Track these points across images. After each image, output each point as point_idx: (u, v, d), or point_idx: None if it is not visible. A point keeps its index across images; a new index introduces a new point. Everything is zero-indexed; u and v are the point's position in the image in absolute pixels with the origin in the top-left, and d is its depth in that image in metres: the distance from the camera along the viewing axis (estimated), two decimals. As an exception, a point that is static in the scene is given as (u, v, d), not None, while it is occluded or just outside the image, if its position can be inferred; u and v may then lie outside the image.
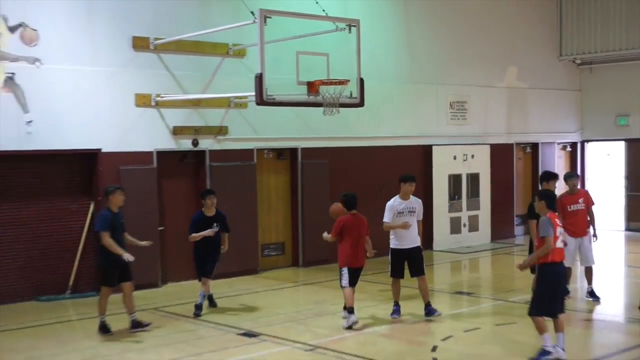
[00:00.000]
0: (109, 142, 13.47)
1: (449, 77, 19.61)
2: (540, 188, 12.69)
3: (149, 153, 14.01)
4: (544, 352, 8.48)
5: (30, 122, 12.51)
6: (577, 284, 13.36)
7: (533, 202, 10.03)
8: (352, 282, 10.70)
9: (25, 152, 12.63)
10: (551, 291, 8.54)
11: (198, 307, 11.57)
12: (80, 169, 13.65)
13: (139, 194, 13.59)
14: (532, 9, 22.17)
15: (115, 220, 10.26)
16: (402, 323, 11.27)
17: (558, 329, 8.43)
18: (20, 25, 12.44)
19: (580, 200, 12.26)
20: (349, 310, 10.48)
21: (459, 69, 19.82)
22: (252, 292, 13.70)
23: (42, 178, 13.21)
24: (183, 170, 14.76)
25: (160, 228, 14.02)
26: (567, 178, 12.92)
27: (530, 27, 22.09)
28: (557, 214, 9.14)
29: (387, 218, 11.39)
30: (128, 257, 10.08)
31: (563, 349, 8.43)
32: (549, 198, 9.13)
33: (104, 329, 10.34)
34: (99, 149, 13.38)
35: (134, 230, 13.21)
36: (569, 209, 12.09)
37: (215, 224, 11.44)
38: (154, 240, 13.49)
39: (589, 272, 12.57)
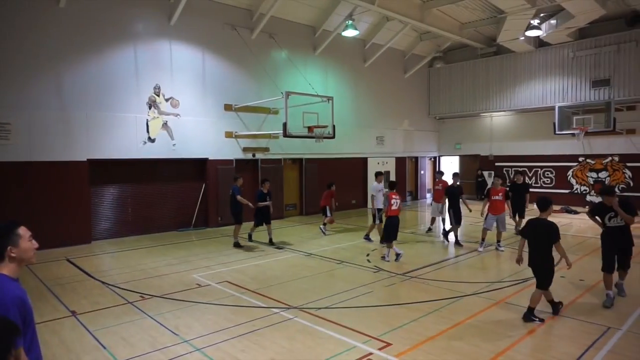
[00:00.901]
0: (212, 154, 14.04)
1: (375, 124, 19.66)
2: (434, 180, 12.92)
3: (231, 160, 14.53)
4: (397, 254, 9.06)
5: (174, 144, 13.19)
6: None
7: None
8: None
9: (172, 159, 13.18)
10: (391, 229, 9.13)
11: (249, 237, 11.78)
12: (199, 167, 14.05)
13: (227, 180, 14.25)
14: (417, 87, 21.89)
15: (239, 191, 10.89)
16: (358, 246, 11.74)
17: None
18: (171, 98, 13.11)
19: (441, 185, 12.42)
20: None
21: (381, 120, 19.88)
22: (281, 228, 13.92)
23: (180, 171, 13.68)
24: (248, 168, 15.00)
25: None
26: (437, 174, 13.54)
27: (415, 98, 21.85)
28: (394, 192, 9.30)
29: (374, 191, 11.15)
30: (250, 205, 10.81)
31: (399, 254, 9.05)
32: (393, 183, 10.03)
33: (237, 245, 10.98)
34: (207, 158, 13.97)
35: (227, 196, 13.91)
36: (436, 188, 12.68)
37: (268, 197, 11.13)
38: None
39: (444, 220, 12.69)
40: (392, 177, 20.40)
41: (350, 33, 15.61)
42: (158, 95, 12.79)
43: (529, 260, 6.08)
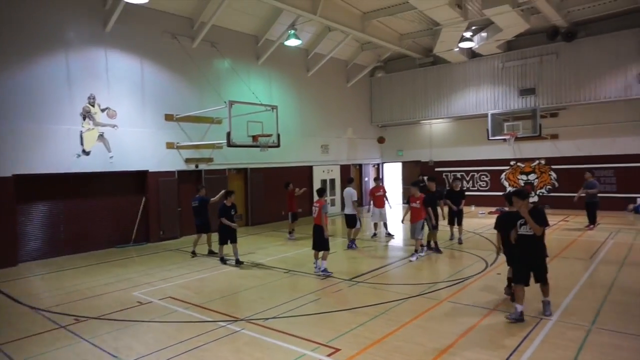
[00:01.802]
0: (152, 166, 13.50)
1: (320, 132, 19.79)
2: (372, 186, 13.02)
3: (173, 172, 14.04)
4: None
5: (111, 157, 12.57)
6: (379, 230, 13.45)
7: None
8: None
9: (109, 172, 12.52)
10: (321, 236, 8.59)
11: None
12: (138, 180, 13.49)
13: (169, 192, 13.87)
14: (360, 96, 22.29)
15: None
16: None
17: (323, 257, 8.61)
18: (107, 108, 12.50)
19: (381, 190, 12.73)
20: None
21: (325, 128, 20.03)
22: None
23: (118, 185, 13.05)
24: (190, 180, 14.57)
25: (179, 209, 14.12)
26: (375, 180, 13.78)
27: (358, 106, 22.22)
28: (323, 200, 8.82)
29: (355, 197, 11.67)
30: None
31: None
32: (321, 190, 9.15)
33: (194, 253, 11.09)
34: (147, 170, 13.42)
35: (170, 210, 13.51)
36: (376, 194, 12.72)
37: (233, 211, 9.99)
38: (175, 214, 13.85)
39: (385, 225, 13.19)
40: (337, 182, 20.77)
41: (292, 42, 15.72)
42: (93, 106, 12.18)
43: (508, 249, 6.50)
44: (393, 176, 23.92)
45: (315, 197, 9.32)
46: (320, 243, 8.71)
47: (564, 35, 16.95)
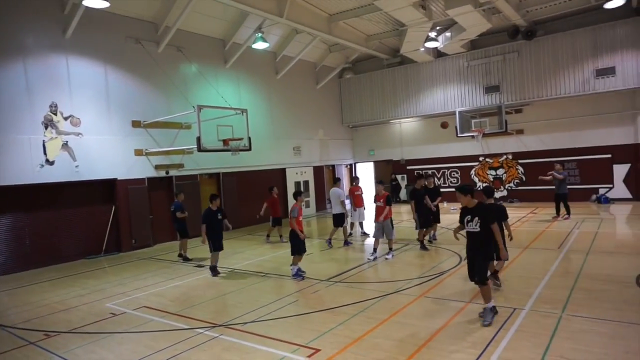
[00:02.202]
0: (121, 174, 13.20)
1: (292, 134, 19.74)
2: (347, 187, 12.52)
3: (143, 179, 13.77)
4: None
5: (77, 166, 12.22)
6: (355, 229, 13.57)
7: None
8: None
9: (76, 181, 12.17)
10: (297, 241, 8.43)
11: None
12: (107, 189, 13.16)
13: (139, 200, 13.58)
14: (329, 98, 22.32)
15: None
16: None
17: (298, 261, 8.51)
18: (70, 115, 12.16)
19: (359, 190, 12.62)
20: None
21: (296, 130, 19.99)
22: (200, 245, 13.47)
23: (85, 194, 12.68)
24: (161, 187, 14.41)
25: (150, 217, 13.89)
26: (353, 180, 13.60)
27: (328, 107, 22.26)
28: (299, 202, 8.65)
29: (343, 197, 12.03)
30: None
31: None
32: (295, 193, 8.96)
33: (186, 259, 11.18)
34: (116, 178, 13.12)
35: (141, 218, 13.22)
36: (355, 194, 12.59)
37: (219, 215, 9.54)
38: (147, 222, 13.56)
39: (361, 224, 13.35)
40: (312, 184, 20.82)
41: (260, 45, 15.64)
42: (55, 114, 11.78)
43: None
44: (366, 176, 24.03)
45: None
46: (291, 246, 8.60)
47: (524, 34, 17.50)
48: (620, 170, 17.22)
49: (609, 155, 17.28)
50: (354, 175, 22.86)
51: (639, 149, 16.78)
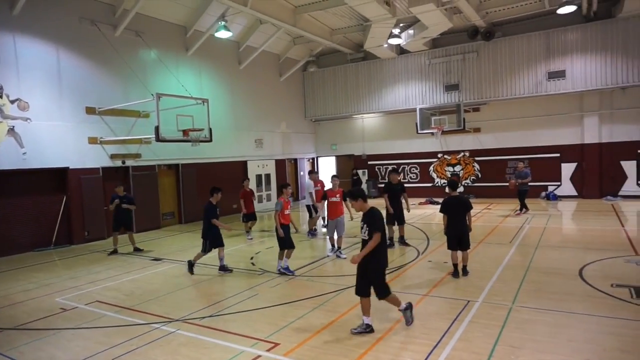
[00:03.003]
0: (73, 163, 12.68)
1: (254, 126, 19.54)
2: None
3: (97, 169, 13.29)
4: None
5: (24, 153, 11.63)
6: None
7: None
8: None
9: (23, 169, 11.60)
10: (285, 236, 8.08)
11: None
12: (58, 178, 12.58)
13: (93, 191, 13.08)
14: (293, 91, 22.19)
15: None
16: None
17: (288, 256, 8.21)
18: (17, 99, 11.53)
19: (319, 185, 12.30)
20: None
21: (258, 123, 19.79)
22: (159, 238, 13.30)
23: (33, 183, 12.08)
24: (116, 177, 13.80)
25: (105, 207, 13.28)
26: (310, 173, 13.08)
27: (291, 100, 22.11)
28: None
29: (311, 189, 12.06)
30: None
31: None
32: (280, 186, 8.68)
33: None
34: (68, 167, 12.59)
35: (95, 209, 12.74)
36: (315, 189, 12.24)
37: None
38: (102, 214, 13.10)
39: (323, 218, 12.51)
40: (273, 177, 20.68)
41: (223, 34, 15.32)
42: (0, 97, 11.10)
43: (454, 229, 7.37)
44: (327, 170, 24.10)
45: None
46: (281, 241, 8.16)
47: (483, 35, 18.05)
48: (567, 169, 18.16)
49: (558, 155, 18.17)
50: (314, 169, 22.79)
51: (584, 149, 17.72)
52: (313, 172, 12.71)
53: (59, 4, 12.29)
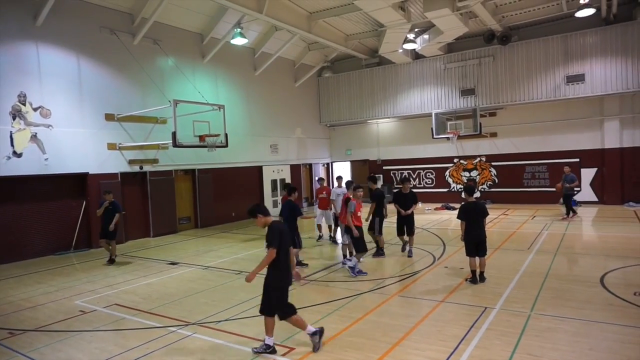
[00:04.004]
0: (93, 168, 12.90)
1: (269, 132, 19.64)
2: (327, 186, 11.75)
3: (116, 174, 13.49)
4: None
5: (46, 159, 11.88)
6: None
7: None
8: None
9: (44, 175, 11.84)
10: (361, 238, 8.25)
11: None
12: (78, 183, 12.79)
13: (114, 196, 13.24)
14: (308, 96, 22.29)
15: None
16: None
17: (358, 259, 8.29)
18: (40, 107, 11.80)
19: (325, 192, 12.04)
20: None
21: (274, 128, 19.88)
22: (174, 242, 13.36)
23: (55, 188, 12.33)
24: (135, 182, 14.14)
25: (123, 212, 13.51)
26: (319, 180, 12.93)
27: (306, 106, 22.22)
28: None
29: (333, 196, 10.95)
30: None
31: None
32: (356, 186, 8.67)
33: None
34: (88, 172, 12.81)
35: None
36: (319, 196, 12.17)
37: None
38: (120, 219, 13.23)
39: (330, 227, 12.25)
40: (288, 181, 20.68)
41: (239, 41, 15.50)
42: (24, 104, 11.40)
43: (473, 237, 7.26)
44: (343, 175, 24.10)
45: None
46: (355, 242, 8.26)
47: (500, 39, 17.88)
48: (587, 174, 17.81)
49: (577, 160, 17.84)
50: (318, 177, 22.48)
51: (605, 154, 17.37)
52: (340, 178, 11.61)
53: (79, 14, 12.59)
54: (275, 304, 4.98)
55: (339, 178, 11.77)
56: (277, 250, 4.86)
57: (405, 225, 9.68)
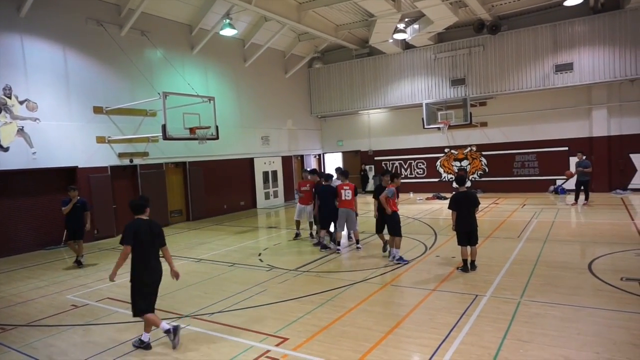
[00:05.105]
0: (82, 162, 12.76)
1: (260, 124, 19.53)
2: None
3: (105, 167, 13.36)
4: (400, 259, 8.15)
5: (34, 153, 11.73)
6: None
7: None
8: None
9: (32, 169, 11.69)
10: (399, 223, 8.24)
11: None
12: (67, 177, 12.57)
13: (102, 189, 13.16)
14: (298, 87, 22.18)
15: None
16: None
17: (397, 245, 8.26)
18: (26, 100, 11.62)
19: (308, 185, 10.92)
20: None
21: (264, 120, 19.77)
22: (167, 235, 13.36)
23: (43, 182, 12.19)
24: (124, 176, 14.02)
25: (114, 206, 13.50)
26: (304, 172, 12.29)
27: (297, 97, 22.12)
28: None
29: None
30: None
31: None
32: (395, 175, 8.40)
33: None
34: (77, 166, 12.67)
35: (103, 208, 12.75)
36: (302, 189, 11.08)
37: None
38: (110, 213, 13.19)
39: (310, 224, 11.31)
40: (280, 174, 20.73)
41: (228, 32, 15.34)
42: (9, 97, 11.21)
43: (465, 226, 7.32)
44: (334, 166, 24.10)
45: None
46: (391, 228, 8.26)
47: (489, 29, 17.90)
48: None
49: (566, 148, 18.01)
50: (303, 168, 21.49)
51: (593, 142, 17.56)
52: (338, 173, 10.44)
53: (65, 5, 12.36)
54: (132, 300, 5.08)
55: (340, 170, 10.53)
56: (131, 247, 5.02)
57: (387, 223, 8.49)
